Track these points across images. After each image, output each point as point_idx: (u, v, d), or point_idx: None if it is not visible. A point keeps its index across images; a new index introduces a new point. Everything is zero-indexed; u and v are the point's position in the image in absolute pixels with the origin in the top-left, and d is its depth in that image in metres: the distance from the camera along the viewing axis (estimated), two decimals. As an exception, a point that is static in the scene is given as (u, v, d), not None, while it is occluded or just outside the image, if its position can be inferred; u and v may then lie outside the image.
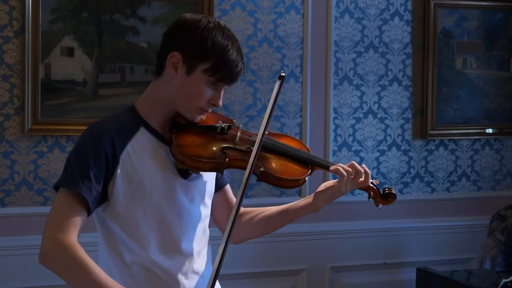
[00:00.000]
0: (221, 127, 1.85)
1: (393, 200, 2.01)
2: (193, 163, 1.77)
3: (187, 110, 1.82)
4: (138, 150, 1.78)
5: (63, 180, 1.75)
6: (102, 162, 1.73)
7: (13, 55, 3.18)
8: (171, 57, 1.80)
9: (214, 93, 1.81)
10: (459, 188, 3.98)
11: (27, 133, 3.19)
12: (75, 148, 1.78)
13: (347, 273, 3.74)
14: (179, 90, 1.80)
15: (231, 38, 1.81)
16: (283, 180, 1.84)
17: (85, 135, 1.79)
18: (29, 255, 3.20)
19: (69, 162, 1.76)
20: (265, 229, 2.02)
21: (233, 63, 1.79)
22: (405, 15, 3.81)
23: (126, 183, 1.76)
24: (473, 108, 3.94)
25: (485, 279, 3.45)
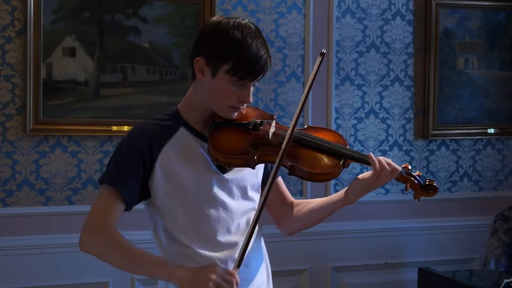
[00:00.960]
0: (254, 123, 1.92)
1: (434, 193, 1.97)
2: (225, 160, 1.87)
3: (220, 109, 1.92)
4: (176, 149, 1.90)
5: (103, 176, 1.91)
6: (139, 161, 1.87)
7: (15, 55, 3.18)
8: (196, 62, 1.90)
9: (242, 91, 1.89)
10: (461, 188, 3.98)
11: (28, 133, 3.20)
12: (117, 147, 1.94)
13: (348, 273, 3.74)
14: (209, 91, 1.90)
15: (251, 34, 1.86)
16: (313, 174, 1.89)
17: (125, 137, 1.93)
18: (30, 255, 3.21)
19: (110, 160, 1.92)
20: (310, 221, 2.08)
21: (253, 59, 1.85)
22: (407, 15, 3.81)
23: (164, 179, 1.88)
24: (475, 108, 3.94)
25: (487, 279, 3.45)
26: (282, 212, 2.10)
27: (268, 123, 1.95)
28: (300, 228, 2.11)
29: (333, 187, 3.66)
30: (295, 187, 3.62)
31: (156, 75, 3.37)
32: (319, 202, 2.06)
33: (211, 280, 1.73)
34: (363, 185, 1.95)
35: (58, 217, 3.27)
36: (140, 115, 3.32)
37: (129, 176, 1.86)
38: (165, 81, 3.38)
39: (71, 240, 3.22)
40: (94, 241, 1.84)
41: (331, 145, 1.95)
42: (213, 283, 1.73)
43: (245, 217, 1.98)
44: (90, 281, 3.28)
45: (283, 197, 2.11)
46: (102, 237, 1.83)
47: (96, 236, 1.83)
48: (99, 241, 1.83)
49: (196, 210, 1.90)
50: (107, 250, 1.83)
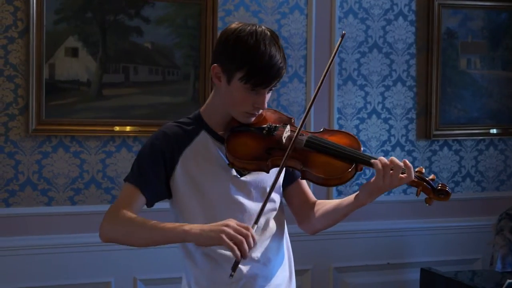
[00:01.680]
0: (268, 128, 1.96)
1: (446, 198, 1.96)
2: (239, 164, 1.92)
3: (236, 115, 1.97)
4: (196, 152, 1.95)
5: (128, 175, 1.96)
6: (160, 161, 1.93)
7: (18, 55, 3.19)
8: (213, 69, 1.94)
9: (256, 97, 1.92)
10: (463, 188, 3.98)
11: (31, 133, 3.20)
12: (141, 149, 2.00)
13: (351, 273, 3.74)
14: (226, 97, 1.95)
15: (265, 41, 1.88)
16: (324, 179, 1.89)
17: (150, 137, 2.00)
18: (33, 255, 3.21)
19: (135, 160, 1.98)
20: (327, 222, 2.09)
21: (266, 68, 1.87)
22: (409, 15, 3.80)
23: (185, 181, 1.94)
24: (477, 109, 3.94)
25: (490, 279, 3.44)
26: (304, 212, 2.11)
27: (283, 127, 1.97)
28: (320, 228, 2.12)
29: (334, 188, 3.66)
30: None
31: (159, 75, 3.37)
32: (334, 204, 2.06)
33: (224, 232, 1.75)
34: (371, 189, 1.92)
35: (60, 217, 3.27)
36: (142, 115, 3.32)
37: (150, 174, 1.92)
38: (167, 82, 3.38)
39: (73, 240, 3.24)
40: (114, 225, 1.88)
41: (343, 149, 1.93)
42: (226, 234, 1.75)
43: (264, 217, 1.99)
44: (92, 281, 3.29)
45: (305, 197, 2.12)
46: (121, 220, 1.87)
47: (115, 221, 1.88)
48: (118, 224, 1.87)
49: (215, 212, 1.93)
50: (126, 229, 1.87)
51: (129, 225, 1.87)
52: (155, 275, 3.38)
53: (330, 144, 1.94)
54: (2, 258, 3.18)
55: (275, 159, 1.91)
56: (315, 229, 2.14)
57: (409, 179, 1.89)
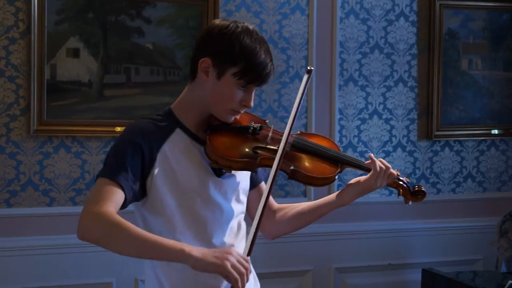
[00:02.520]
0: (253, 127, 1.94)
1: (423, 198, 2.06)
2: (226, 163, 1.88)
3: (220, 112, 1.92)
4: (174, 150, 1.88)
5: (101, 171, 1.83)
6: (139, 157, 1.83)
7: (19, 56, 3.19)
8: (202, 63, 1.89)
9: (244, 95, 1.90)
10: (465, 189, 3.97)
11: (32, 134, 3.20)
12: (113, 144, 1.89)
13: (352, 274, 3.74)
14: (211, 93, 1.90)
15: (259, 41, 1.89)
16: (313, 178, 1.93)
17: (123, 133, 1.89)
18: (34, 255, 3.22)
19: (108, 157, 1.86)
20: (298, 224, 2.11)
21: (262, 65, 1.87)
22: (411, 16, 3.80)
23: (163, 180, 1.86)
24: (479, 109, 3.93)
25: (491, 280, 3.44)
26: (265, 217, 1.99)
27: (265, 128, 1.97)
28: (285, 232, 2.13)
29: (336, 187, 3.66)
30: (298, 188, 3.62)
31: (160, 76, 3.37)
32: (310, 205, 2.08)
33: (229, 261, 1.70)
34: (361, 188, 2.00)
35: (62, 217, 3.27)
36: (143, 115, 3.30)
37: (129, 170, 1.80)
38: (169, 82, 3.38)
39: (74, 241, 3.20)
40: (95, 226, 1.72)
41: (329, 150, 2.00)
42: (231, 264, 1.70)
43: (237, 219, 1.99)
44: (94, 281, 3.29)
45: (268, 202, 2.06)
46: (104, 221, 1.71)
47: (97, 221, 1.72)
48: (100, 225, 1.71)
49: (194, 212, 1.89)
50: (110, 234, 1.72)
51: (114, 230, 1.71)
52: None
53: (316, 145, 1.99)
54: (4, 259, 3.18)
55: (263, 158, 1.89)
56: (279, 234, 2.14)
57: (393, 177, 2.01)
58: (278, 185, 3.53)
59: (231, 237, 1.95)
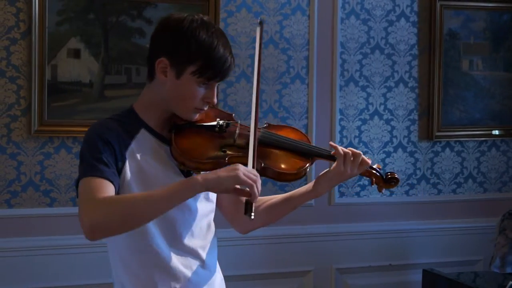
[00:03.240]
0: (220, 125, 1.86)
1: (396, 185, 1.98)
2: (193, 165, 1.79)
3: (183, 111, 1.84)
4: (140, 150, 1.81)
5: (81, 172, 1.74)
6: (112, 152, 1.75)
7: (20, 56, 3.19)
8: (159, 63, 1.82)
9: (207, 92, 1.82)
10: (466, 189, 3.97)
11: (33, 134, 3.20)
12: (83, 144, 1.80)
13: (353, 274, 3.74)
14: (172, 93, 1.82)
15: (217, 34, 1.81)
16: (284, 174, 1.85)
17: (90, 131, 1.80)
18: (35, 256, 3.22)
19: (82, 156, 1.77)
20: (271, 217, 2.03)
21: (221, 60, 1.79)
22: (411, 16, 3.80)
23: (133, 178, 1.79)
24: (480, 110, 3.93)
25: (492, 281, 3.44)
26: (237, 211, 2.01)
27: (233, 124, 1.88)
28: (257, 226, 2.04)
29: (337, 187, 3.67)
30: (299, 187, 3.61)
31: (161, 76, 3.37)
32: (282, 198, 2.02)
33: (240, 170, 1.66)
34: (331, 176, 1.93)
35: (62, 218, 3.27)
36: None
37: (108, 162, 1.73)
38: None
39: (76, 241, 3.23)
40: (101, 214, 1.64)
41: (299, 144, 1.91)
42: (242, 172, 1.66)
43: (206, 219, 1.93)
44: (95, 282, 3.29)
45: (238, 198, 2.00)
46: (106, 204, 1.66)
47: (100, 209, 1.65)
48: (105, 210, 1.65)
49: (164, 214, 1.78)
50: (123, 211, 1.65)
51: (124, 205, 1.66)
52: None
53: (285, 139, 1.91)
54: (5, 259, 3.18)
55: (233, 156, 1.80)
56: (251, 228, 2.07)
57: (367, 165, 1.92)
58: (279, 185, 3.53)
59: (201, 237, 1.89)
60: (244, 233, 2.09)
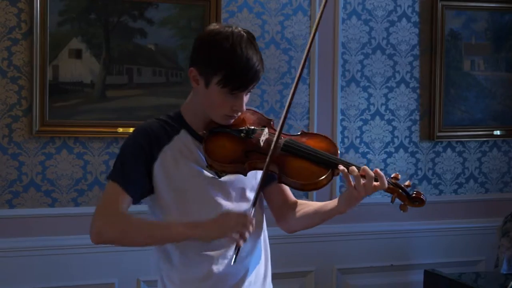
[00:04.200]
0: (246, 131, 1.95)
1: (421, 205, 1.92)
2: (218, 167, 1.91)
3: (215, 117, 1.96)
4: (176, 150, 1.94)
5: (110, 173, 1.96)
6: (141, 157, 1.92)
7: (21, 57, 3.19)
8: (190, 72, 1.94)
9: (234, 100, 1.91)
10: (467, 190, 3.97)
11: (35, 134, 3.20)
12: (124, 144, 1.98)
13: (354, 275, 3.74)
14: (204, 100, 1.94)
15: (241, 44, 1.86)
16: (300, 184, 1.88)
17: (131, 134, 1.98)
18: (36, 256, 3.22)
19: (116, 158, 1.97)
20: (306, 224, 2.10)
21: (243, 71, 1.85)
22: (413, 16, 3.80)
23: (164, 179, 1.93)
24: (481, 110, 3.93)
25: (493, 281, 3.44)
26: (283, 212, 2.11)
27: (261, 130, 1.96)
28: (299, 228, 2.12)
29: (338, 189, 3.66)
30: (300, 189, 3.61)
31: (162, 77, 3.37)
32: (314, 208, 2.06)
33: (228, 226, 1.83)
34: (346, 198, 1.92)
35: (64, 218, 3.28)
36: (145, 116, 3.31)
37: (133, 171, 1.91)
38: (171, 83, 3.38)
39: (77, 242, 3.24)
40: (111, 225, 1.88)
41: (319, 154, 1.92)
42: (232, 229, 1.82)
43: None
44: (96, 282, 3.29)
45: (285, 197, 2.12)
46: (118, 219, 1.87)
47: (112, 221, 1.87)
48: (116, 223, 1.87)
49: (194, 212, 1.93)
50: (124, 228, 1.88)
51: (128, 224, 1.88)
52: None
53: (307, 149, 1.93)
54: (6, 259, 3.19)
55: (253, 162, 1.90)
56: (294, 229, 2.14)
57: (383, 187, 1.87)
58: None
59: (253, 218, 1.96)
60: (289, 232, 2.17)
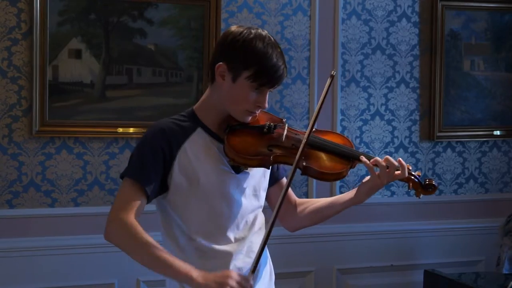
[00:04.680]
0: (268, 126, 2.05)
1: (433, 191, 2.10)
2: (241, 160, 2.00)
3: (236, 113, 2.04)
4: (194, 148, 2.01)
5: (127, 170, 2.00)
6: (160, 157, 1.97)
7: (21, 57, 3.19)
8: (218, 67, 2.01)
9: (259, 97, 2.01)
10: (467, 190, 3.97)
11: (35, 134, 3.20)
12: (138, 143, 2.03)
13: (354, 275, 3.74)
14: (228, 95, 2.02)
15: (271, 45, 2.01)
16: (325, 174, 2.03)
17: (146, 133, 2.03)
18: (36, 256, 3.22)
19: (132, 156, 2.01)
20: (316, 219, 2.22)
21: (273, 68, 1.98)
22: (413, 17, 3.80)
23: (183, 176, 1.99)
24: (481, 110, 3.93)
25: (493, 281, 3.44)
26: (286, 211, 2.22)
27: (280, 126, 2.08)
28: (305, 225, 2.25)
29: (338, 188, 3.66)
30: (300, 189, 3.62)
31: (162, 77, 3.37)
32: (325, 202, 2.20)
33: (229, 285, 1.86)
34: (369, 187, 2.08)
35: (64, 218, 3.28)
36: (145, 117, 3.32)
37: (151, 170, 1.97)
38: (171, 83, 3.38)
39: (77, 242, 3.24)
40: (120, 235, 1.93)
41: (342, 147, 2.08)
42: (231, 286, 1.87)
43: (253, 214, 2.10)
44: (96, 282, 3.29)
45: (287, 197, 2.21)
46: (127, 232, 1.92)
47: (122, 230, 1.92)
48: (125, 235, 1.92)
49: (211, 206, 2.01)
50: (132, 245, 1.92)
51: (136, 243, 1.92)
52: (159, 277, 3.36)
53: (330, 143, 2.09)
54: (6, 260, 3.18)
55: (277, 155, 2.01)
56: (299, 227, 2.27)
57: (403, 176, 2.06)
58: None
59: (245, 230, 2.08)
60: (292, 231, 2.29)
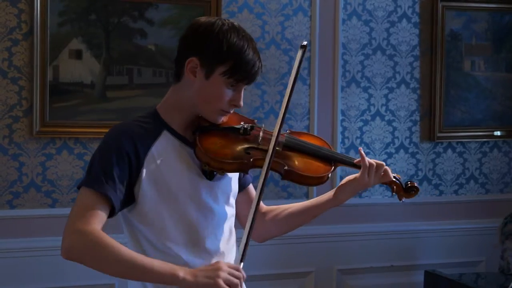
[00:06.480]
0: (244, 128, 1.88)
1: (416, 194, 2.02)
2: (218, 165, 1.81)
3: (209, 113, 1.85)
4: (162, 153, 1.81)
5: (86, 180, 1.76)
6: (125, 164, 1.76)
7: (22, 57, 3.19)
8: (189, 63, 1.83)
9: (234, 94, 1.84)
10: (467, 191, 3.97)
11: (35, 135, 3.21)
12: (98, 149, 1.81)
13: (354, 275, 3.74)
14: (200, 94, 1.84)
15: (247, 38, 1.84)
16: (307, 178, 1.89)
17: (107, 137, 1.81)
18: (37, 257, 3.22)
19: (93, 163, 1.78)
20: (290, 225, 2.06)
21: (250, 63, 1.82)
22: (413, 17, 3.80)
23: (152, 185, 1.79)
24: (481, 111, 3.93)
25: (493, 282, 3.44)
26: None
27: (257, 128, 1.92)
28: (275, 234, 2.08)
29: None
30: (300, 189, 3.61)
31: (162, 77, 3.37)
32: (302, 206, 2.04)
33: (220, 277, 1.70)
34: (354, 186, 1.95)
35: (64, 219, 3.21)
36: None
37: (117, 179, 1.74)
38: (171, 84, 3.37)
39: (77, 242, 3.24)
40: (82, 246, 1.68)
41: (322, 149, 1.97)
42: (223, 280, 1.70)
43: (228, 224, 1.93)
44: (96, 283, 3.29)
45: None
46: (90, 241, 1.67)
47: (83, 240, 1.68)
48: (88, 246, 1.68)
49: (186, 216, 1.82)
50: (99, 256, 1.68)
51: (103, 253, 1.67)
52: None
53: (312, 145, 1.96)
54: (6, 260, 3.19)
55: (256, 159, 1.84)
56: (269, 236, 2.09)
57: (389, 178, 1.97)
58: (281, 186, 3.53)
59: (225, 241, 1.90)
60: (260, 241, 2.09)
